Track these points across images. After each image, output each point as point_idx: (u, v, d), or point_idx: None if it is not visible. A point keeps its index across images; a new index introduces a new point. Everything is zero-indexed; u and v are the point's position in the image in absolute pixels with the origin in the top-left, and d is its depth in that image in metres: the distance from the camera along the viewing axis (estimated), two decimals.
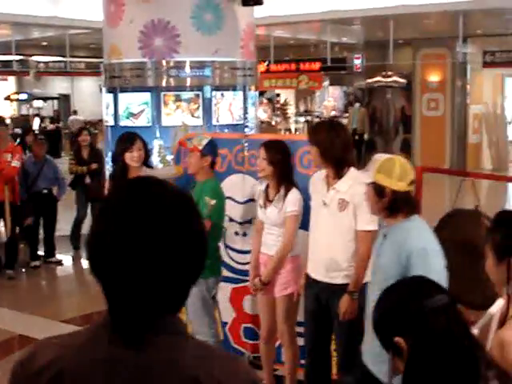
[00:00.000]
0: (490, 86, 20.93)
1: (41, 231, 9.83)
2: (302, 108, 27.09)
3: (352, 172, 4.38)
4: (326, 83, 26.27)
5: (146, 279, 1.44)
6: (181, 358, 1.47)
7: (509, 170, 19.40)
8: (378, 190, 3.54)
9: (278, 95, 26.67)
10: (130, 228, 1.44)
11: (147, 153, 5.94)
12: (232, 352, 5.92)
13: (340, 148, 4.31)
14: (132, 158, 5.71)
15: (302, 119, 24.99)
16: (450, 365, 1.79)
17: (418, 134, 20.39)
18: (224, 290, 5.69)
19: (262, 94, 24.06)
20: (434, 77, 19.96)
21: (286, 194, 4.80)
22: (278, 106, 25.80)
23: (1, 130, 9.44)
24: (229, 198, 5.47)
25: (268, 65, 20.78)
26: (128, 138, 5.87)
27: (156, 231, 1.44)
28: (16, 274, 9.18)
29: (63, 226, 10.78)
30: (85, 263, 10.02)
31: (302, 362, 5.05)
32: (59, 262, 9.83)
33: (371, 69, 21.22)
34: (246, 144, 5.67)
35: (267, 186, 4.97)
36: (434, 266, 3.34)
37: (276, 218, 4.87)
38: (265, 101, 23.71)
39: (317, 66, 21.08)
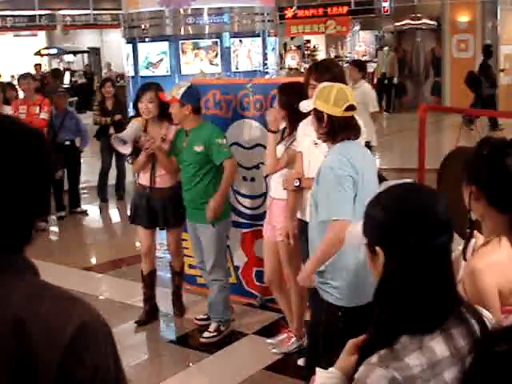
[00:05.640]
0: None
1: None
2: (332, 54, 26.78)
3: None
4: (357, 28, 25.92)
5: None
6: (7, 296, 1.38)
7: None
8: (317, 115, 3.63)
9: (308, 41, 26.38)
10: None
11: (164, 106, 5.36)
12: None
13: None
14: (140, 109, 5.43)
15: None
16: (427, 281, 1.71)
17: (448, 76, 19.99)
18: (235, 235, 5.76)
19: (292, 39, 23.85)
20: (463, 17, 19.54)
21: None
22: (308, 52, 25.53)
23: (25, 83, 9.49)
24: (235, 143, 5.50)
25: (295, 10, 20.51)
26: (139, 89, 5.55)
27: None
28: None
29: (91, 178, 10.93)
30: (111, 213, 10.15)
31: None
32: (84, 212, 9.95)
33: (400, 11, 20.85)
34: (251, 88, 5.64)
35: (284, 128, 4.92)
36: (332, 185, 3.48)
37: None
38: (293, 47, 23.48)
39: (344, 10, 20.78)
